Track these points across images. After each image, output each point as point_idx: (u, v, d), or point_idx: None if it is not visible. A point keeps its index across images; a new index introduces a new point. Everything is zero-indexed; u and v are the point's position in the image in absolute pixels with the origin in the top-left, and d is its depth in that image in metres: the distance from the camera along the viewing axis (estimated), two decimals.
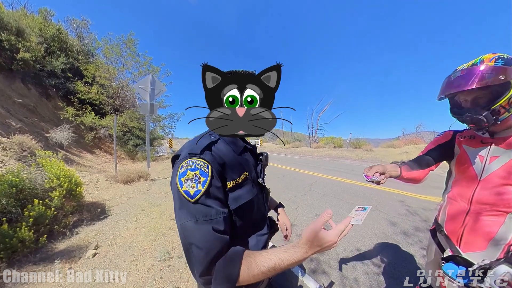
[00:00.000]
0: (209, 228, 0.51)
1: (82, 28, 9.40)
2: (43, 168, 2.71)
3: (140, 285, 1.66)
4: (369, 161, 9.29)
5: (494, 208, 0.75)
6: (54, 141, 5.35)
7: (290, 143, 20.55)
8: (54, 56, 7.46)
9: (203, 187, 0.53)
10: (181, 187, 0.53)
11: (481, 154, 0.81)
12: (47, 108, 7.01)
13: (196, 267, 0.51)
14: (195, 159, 0.56)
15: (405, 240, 2.35)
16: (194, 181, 0.53)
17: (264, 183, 0.82)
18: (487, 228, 0.76)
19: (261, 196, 0.78)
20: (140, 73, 9.17)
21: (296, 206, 3.55)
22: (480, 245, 0.77)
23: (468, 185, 0.83)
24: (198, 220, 0.51)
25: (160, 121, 10.45)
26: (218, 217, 0.53)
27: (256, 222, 0.75)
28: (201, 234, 0.51)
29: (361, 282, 1.72)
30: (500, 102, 0.68)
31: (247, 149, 0.77)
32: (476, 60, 0.74)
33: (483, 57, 0.73)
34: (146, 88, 5.16)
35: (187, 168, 0.55)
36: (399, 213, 3.10)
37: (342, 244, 2.30)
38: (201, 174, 0.54)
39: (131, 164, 7.52)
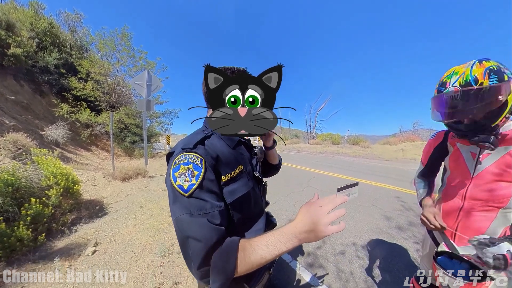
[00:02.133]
0: (204, 220, 0.51)
1: (75, 22, 9.15)
2: (39, 166, 2.68)
3: (141, 281, 1.69)
4: (366, 158, 9.39)
5: (487, 203, 0.77)
6: (49, 139, 5.28)
7: (288, 140, 20.61)
8: (47, 51, 7.27)
9: (197, 180, 0.53)
10: (175, 182, 0.53)
11: (473, 151, 0.83)
12: (41, 105, 6.88)
13: (194, 259, 0.51)
14: (188, 153, 0.57)
15: (400, 235, 2.41)
16: (188, 175, 0.53)
17: (260, 176, 0.82)
18: (479, 223, 0.79)
19: (257, 189, 0.79)
20: (136, 68, 8.99)
21: (294, 202, 3.59)
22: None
23: (462, 182, 0.85)
24: (193, 214, 0.51)
25: (157, 118, 10.34)
26: (214, 211, 0.53)
27: (254, 216, 0.75)
28: (197, 226, 0.51)
29: (357, 276, 1.77)
30: (500, 119, 0.70)
31: (242, 142, 0.77)
32: (467, 76, 0.69)
33: (474, 72, 0.69)
34: (143, 84, 5.08)
35: (180, 162, 0.55)
36: (394, 209, 3.17)
37: (338, 239, 2.35)
38: (194, 168, 0.54)
39: (129, 161, 7.48)
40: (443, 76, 0.79)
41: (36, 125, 5.66)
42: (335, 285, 1.67)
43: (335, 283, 1.69)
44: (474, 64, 0.70)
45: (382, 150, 10.80)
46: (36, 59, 6.83)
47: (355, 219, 2.82)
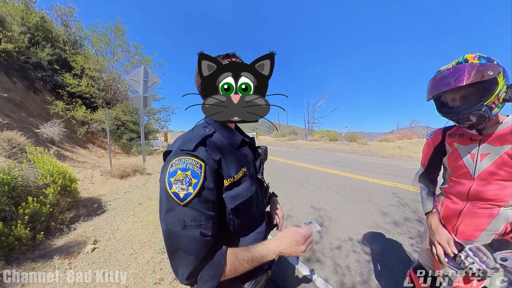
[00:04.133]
0: (197, 233, 0.49)
1: (68, 16, 8.90)
2: (35, 165, 2.65)
3: (141, 277, 1.71)
4: (364, 155, 9.48)
5: (488, 202, 0.79)
6: (44, 137, 5.21)
7: (286, 136, 20.63)
8: (39, 46, 7.09)
9: (194, 190, 0.49)
10: (170, 188, 0.49)
11: (472, 152, 0.84)
12: (35, 102, 6.75)
13: (183, 271, 0.49)
14: (186, 157, 0.52)
15: (395, 230, 2.46)
16: (185, 183, 0.49)
17: (263, 179, 0.79)
18: (480, 220, 0.81)
19: (260, 192, 0.75)
20: (132, 64, 8.84)
21: (292, 198, 3.63)
22: (473, 235, 0.83)
23: (464, 182, 0.86)
24: (186, 226, 0.48)
25: (155, 114, 10.24)
26: (208, 223, 0.51)
27: (255, 219, 0.72)
28: (189, 240, 0.48)
29: (353, 269, 1.82)
30: (491, 98, 0.70)
31: (246, 142, 0.73)
32: (459, 60, 0.76)
33: (465, 56, 0.75)
34: (139, 80, 5.00)
35: (178, 167, 0.51)
36: (390, 204, 3.23)
37: (335, 234, 2.40)
38: (192, 176, 0.50)
39: (126, 158, 7.44)
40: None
41: (30, 123, 5.57)
42: (332, 279, 1.71)
43: (332, 277, 1.73)
44: (466, 54, 0.77)
45: (379, 147, 10.89)
46: (29, 55, 6.66)
47: (351, 215, 2.86)
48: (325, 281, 1.68)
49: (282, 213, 0.97)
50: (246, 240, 0.67)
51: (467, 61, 0.74)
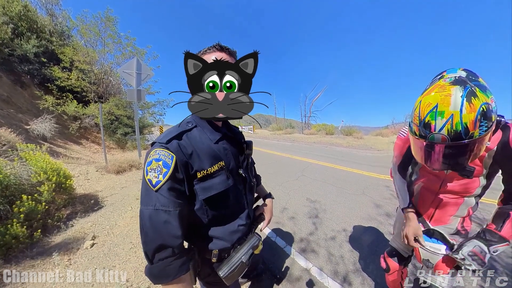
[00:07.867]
0: (163, 219, 0.55)
1: (53, 5, 8.40)
2: (27, 162, 2.60)
3: (141, 270, 1.75)
4: (359, 148, 9.61)
5: (457, 194, 0.89)
6: (35, 133, 5.07)
7: (283, 130, 20.64)
8: (24, 38, 6.73)
9: (164, 178, 0.56)
10: (146, 175, 0.58)
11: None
12: (23, 97, 6.50)
13: (143, 246, 0.58)
14: (160, 149, 0.59)
15: (388, 221, 2.56)
16: (157, 172, 0.56)
17: (246, 174, 0.79)
18: (450, 208, 0.93)
19: (241, 187, 0.77)
20: (124, 56, 8.50)
21: (288, 190, 3.70)
22: (445, 220, 0.95)
23: (435, 177, 0.94)
24: (157, 209, 0.55)
25: (149, 108, 10.01)
26: (175, 210, 0.57)
27: (234, 213, 0.75)
28: (153, 223, 0.55)
29: (346, 259, 1.90)
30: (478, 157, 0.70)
31: (227, 137, 0.74)
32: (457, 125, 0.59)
33: (465, 119, 0.58)
34: (132, 73, 4.84)
35: (153, 158, 0.58)
36: (383, 197, 3.33)
37: (330, 225, 2.48)
38: (163, 165, 0.57)
39: (121, 153, 7.34)
40: (423, 110, 0.65)
41: (19, 119, 5.39)
42: (327, 268, 1.79)
43: (326, 266, 1.81)
44: (464, 105, 0.58)
45: (374, 141, 11.03)
46: (13, 47, 6.33)
47: (346, 207, 2.95)
48: (320, 270, 1.76)
49: (270, 216, 0.95)
50: (218, 231, 0.71)
51: (467, 131, 0.59)
